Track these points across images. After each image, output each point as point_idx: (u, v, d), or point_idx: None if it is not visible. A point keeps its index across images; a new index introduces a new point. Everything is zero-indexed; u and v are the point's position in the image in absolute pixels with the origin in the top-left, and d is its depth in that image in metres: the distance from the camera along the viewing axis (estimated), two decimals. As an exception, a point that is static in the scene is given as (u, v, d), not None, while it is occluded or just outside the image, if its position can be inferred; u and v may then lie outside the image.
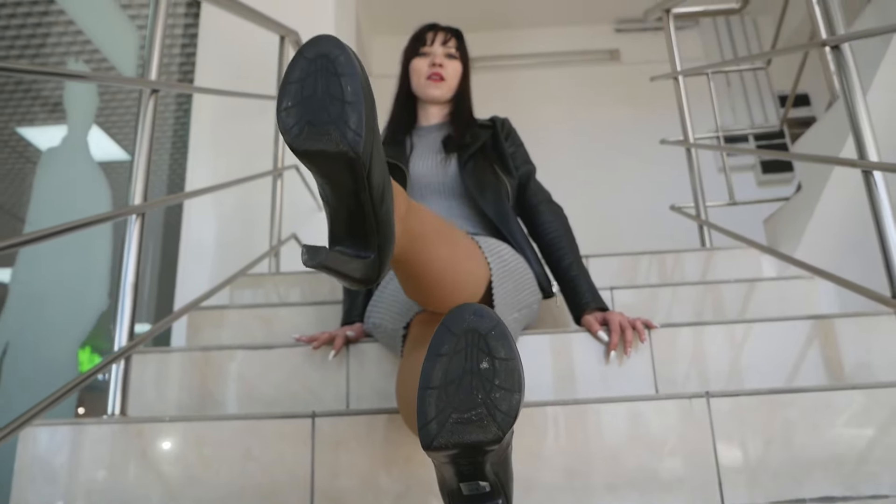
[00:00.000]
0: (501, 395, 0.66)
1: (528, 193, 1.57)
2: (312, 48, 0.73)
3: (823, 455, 1.01)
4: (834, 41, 1.40)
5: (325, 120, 0.70)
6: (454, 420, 0.65)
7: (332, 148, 0.70)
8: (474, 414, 0.65)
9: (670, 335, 1.34)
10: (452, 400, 0.66)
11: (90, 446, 1.09)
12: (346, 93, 0.70)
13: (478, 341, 0.68)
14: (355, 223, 0.76)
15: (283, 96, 0.72)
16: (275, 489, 1.04)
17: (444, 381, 0.67)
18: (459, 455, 0.67)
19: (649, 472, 1.02)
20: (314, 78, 0.71)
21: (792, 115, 4.40)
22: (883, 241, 1.26)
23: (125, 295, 1.30)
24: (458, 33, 1.67)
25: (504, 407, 0.66)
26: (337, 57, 0.72)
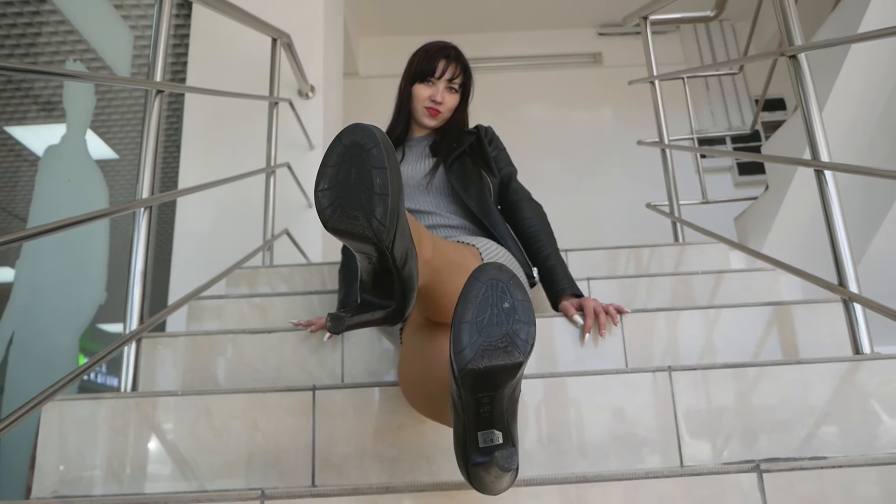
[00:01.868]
0: (520, 326, 0.78)
1: (510, 192, 1.69)
2: (350, 136, 0.82)
3: (771, 422, 1.13)
4: (791, 51, 1.52)
5: (355, 206, 0.80)
6: (484, 346, 0.77)
7: (359, 231, 0.81)
8: (500, 341, 0.78)
9: (642, 320, 1.45)
10: (483, 331, 0.78)
11: (108, 419, 1.18)
12: (376, 185, 0.80)
13: (500, 287, 0.80)
14: (381, 280, 0.88)
15: (320, 178, 0.82)
16: (279, 456, 1.14)
17: (474, 317, 0.79)
18: (484, 383, 0.78)
19: (617, 438, 1.13)
20: (349, 165, 0.81)
21: (768, 119, 4.56)
22: (832, 233, 1.38)
23: (135, 282, 1.39)
24: (467, 69, 1.70)
25: (523, 335, 0.78)
26: (371, 150, 0.81)
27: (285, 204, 2.75)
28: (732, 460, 1.11)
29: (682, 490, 0.87)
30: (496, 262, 0.83)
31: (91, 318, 2.53)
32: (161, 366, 1.49)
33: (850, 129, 2.22)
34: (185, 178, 2.96)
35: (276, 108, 2.60)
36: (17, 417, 0.95)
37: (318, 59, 3.09)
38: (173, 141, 3.30)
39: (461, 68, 1.67)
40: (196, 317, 1.85)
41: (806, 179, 2.25)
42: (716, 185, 3.89)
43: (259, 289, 2.18)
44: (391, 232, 0.81)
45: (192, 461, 1.15)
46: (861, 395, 1.15)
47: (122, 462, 1.16)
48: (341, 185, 0.81)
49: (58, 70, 1.33)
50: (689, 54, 4.86)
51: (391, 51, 4.81)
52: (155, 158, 1.50)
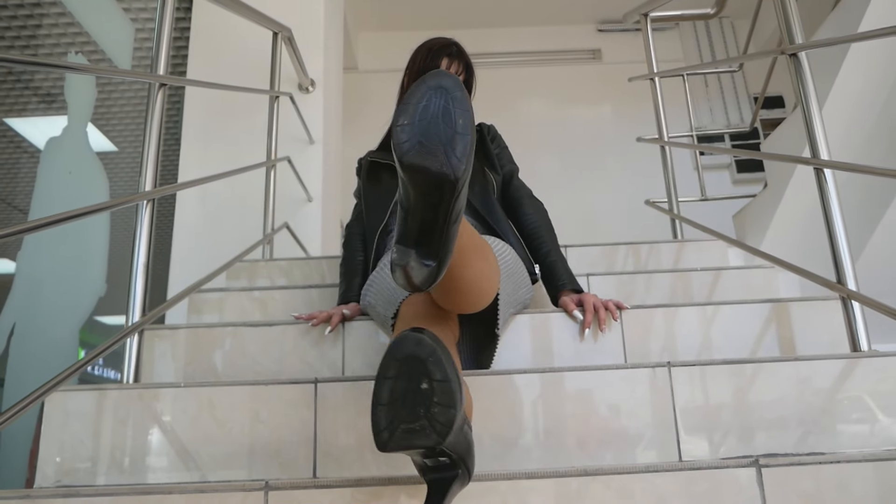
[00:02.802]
0: (439, 409, 0.77)
1: (512, 189, 1.71)
2: (434, 79, 0.83)
3: (769, 418, 1.14)
4: (791, 49, 1.53)
5: (435, 142, 0.80)
6: (402, 430, 0.77)
7: (436, 168, 0.80)
8: (417, 425, 0.77)
9: (641, 316, 1.47)
10: (399, 414, 0.77)
11: (112, 410, 1.19)
12: (458, 124, 0.80)
13: (418, 366, 0.78)
14: (426, 233, 0.86)
15: (400, 113, 0.82)
16: (281, 448, 1.15)
17: (391, 399, 0.78)
18: (411, 453, 0.79)
19: (616, 433, 1.14)
20: (432, 104, 0.81)
21: (767, 117, 4.57)
22: (830, 231, 1.39)
23: (137, 274, 1.40)
24: (469, 66, 1.69)
25: (442, 419, 0.77)
26: (455, 91, 0.82)
27: (285, 198, 2.76)
28: (730, 456, 1.12)
29: (681, 484, 0.88)
30: (415, 335, 0.80)
31: (91, 311, 2.54)
32: (162, 358, 1.50)
33: (848, 127, 2.23)
34: (184, 171, 2.96)
35: (277, 102, 2.60)
36: (21, 409, 0.96)
37: (318, 54, 3.09)
38: (172, 134, 3.30)
39: (463, 66, 1.67)
40: (196, 309, 1.86)
41: (805, 177, 2.27)
42: (714, 183, 3.91)
43: (258, 282, 2.19)
44: (466, 173, 0.81)
45: (194, 452, 1.15)
46: (859, 392, 1.16)
47: (124, 452, 1.17)
48: (422, 122, 0.80)
49: (60, 62, 1.33)
50: (688, 51, 4.87)
51: (390, 46, 4.83)
52: (158, 152, 1.51)
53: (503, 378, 1.19)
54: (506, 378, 1.19)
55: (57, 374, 1.07)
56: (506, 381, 1.19)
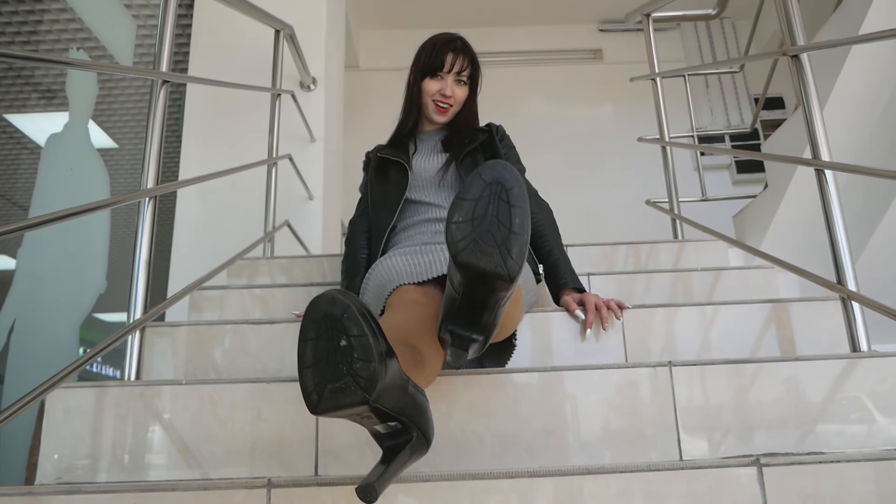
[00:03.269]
0: (361, 365, 0.76)
1: None
2: (490, 172, 0.81)
3: (769, 417, 1.15)
4: (793, 51, 1.53)
5: (490, 243, 0.79)
6: (329, 390, 0.76)
7: (491, 268, 0.79)
8: (342, 383, 0.76)
9: (642, 315, 1.47)
10: (324, 374, 0.76)
11: (113, 407, 1.19)
12: (514, 224, 0.79)
13: (334, 323, 0.77)
14: (474, 315, 0.86)
15: (455, 210, 0.80)
16: (283, 446, 1.15)
17: (314, 360, 0.77)
18: (346, 415, 0.78)
19: (616, 432, 1.15)
20: (487, 200, 0.79)
21: (767, 118, 4.58)
22: (831, 232, 1.40)
23: (139, 271, 1.40)
24: (475, 61, 1.68)
25: (364, 374, 0.76)
26: (512, 187, 0.79)
27: (286, 196, 2.76)
28: (730, 455, 1.12)
29: (682, 483, 0.89)
30: (328, 293, 0.79)
31: (91, 307, 2.54)
32: (163, 355, 1.50)
33: (849, 128, 2.24)
34: (185, 168, 2.96)
35: (279, 99, 2.60)
36: (22, 406, 0.96)
37: (320, 52, 3.09)
38: (173, 131, 3.30)
39: (469, 60, 1.66)
40: (197, 307, 1.86)
41: (805, 178, 2.27)
42: (714, 183, 3.91)
43: (259, 280, 2.19)
44: (520, 270, 0.80)
45: (195, 450, 1.16)
46: (858, 392, 1.17)
47: (125, 450, 1.17)
48: (478, 220, 0.79)
49: (63, 59, 1.34)
50: (689, 51, 4.87)
51: (391, 44, 4.83)
52: (160, 149, 1.51)
53: (504, 377, 1.20)
54: (507, 377, 1.19)
55: (57, 371, 1.07)
56: (507, 379, 1.19)
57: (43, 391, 1.02)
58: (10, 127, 4.25)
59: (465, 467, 1.13)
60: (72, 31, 3.61)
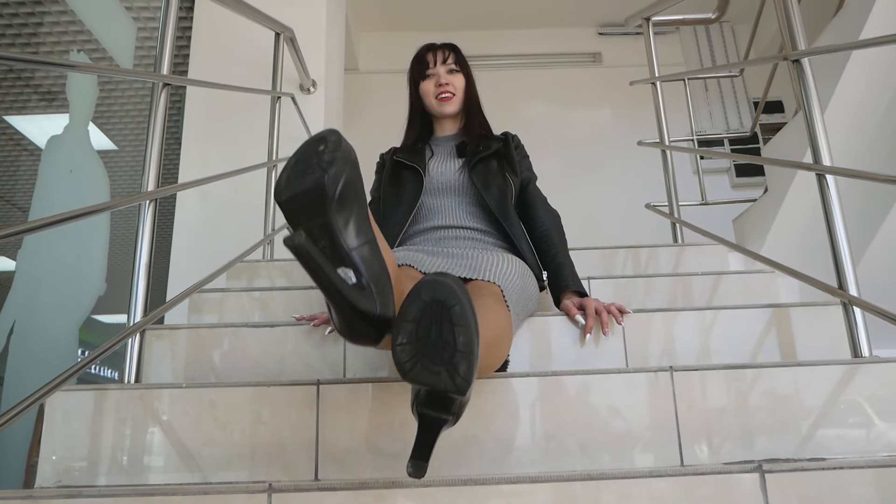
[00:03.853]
0: (332, 151, 0.87)
1: (527, 194, 1.73)
2: (430, 292, 0.80)
3: (771, 423, 1.15)
4: (794, 55, 1.53)
5: (437, 362, 0.78)
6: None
7: (441, 386, 0.79)
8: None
9: (642, 320, 1.47)
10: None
11: (113, 410, 1.19)
12: (459, 342, 0.78)
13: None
14: (440, 402, 0.85)
15: (398, 332, 0.80)
16: (283, 450, 1.15)
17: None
18: (305, 203, 0.86)
19: (617, 437, 1.15)
20: (429, 321, 0.79)
21: (766, 122, 4.58)
22: (832, 237, 1.40)
23: (139, 274, 1.40)
24: (455, 47, 1.78)
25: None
26: (453, 306, 0.78)
27: (286, 198, 2.75)
28: (731, 460, 1.12)
29: (684, 489, 0.88)
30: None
31: (91, 309, 2.54)
32: (162, 358, 1.50)
33: (849, 133, 2.24)
34: (185, 171, 2.96)
35: (279, 102, 2.60)
36: (22, 409, 0.96)
37: (320, 54, 3.09)
38: (173, 134, 3.30)
39: (449, 49, 1.75)
40: (197, 309, 1.85)
41: (805, 183, 2.27)
42: (712, 187, 3.90)
43: (258, 282, 2.19)
44: (471, 384, 0.80)
45: (195, 453, 1.15)
46: (860, 397, 1.17)
47: (125, 453, 1.16)
48: (422, 340, 0.79)
49: (64, 61, 1.33)
50: (688, 55, 4.88)
51: (391, 46, 4.83)
52: (161, 151, 1.51)
53: (505, 381, 1.19)
54: (508, 381, 1.19)
55: (56, 373, 1.07)
56: (508, 384, 1.19)
57: (43, 394, 1.02)
58: (10, 129, 4.25)
59: (465, 471, 1.12)
60: (72, 34, 3.61)
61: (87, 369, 1.15)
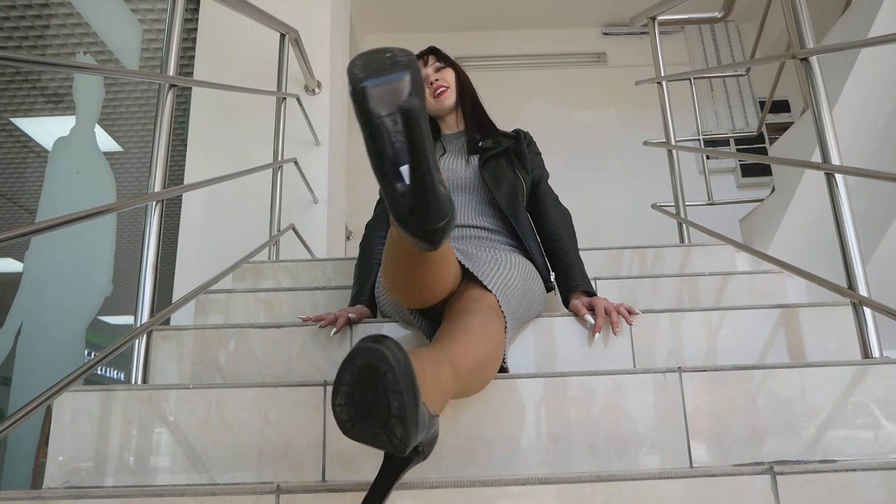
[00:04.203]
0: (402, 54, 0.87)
1: (539, 192, 1.73)
2: (363, 357, 0.79)
3: (780, 424, 1.14)
4: (803, 54, 1.52)
5: (374, 424, 0.78)
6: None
7: (380, 447, 0.80)
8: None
9: (650, 321, 1.46)
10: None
11: (120, 411, 1.19)
12: (393, 407, 0.77)
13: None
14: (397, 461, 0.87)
15: (336, 394, 0.80)
16: (290, 450, 1.15)
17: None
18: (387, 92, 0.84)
19: (626, 438, 1.14)
20: (363, 386, 0.78)
21: (772, 121, 4.56)
22: (842, 237, 1.39)
23: (146, 275, 1.40)
24: (433, 49, 1.80)
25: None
26: (385, 373, 0.77)
27: (291, 199, 2.76)
28: (740, 462, 1.11)
29: (694, 491, 0.88)
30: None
31: (97, 310, 2.54)
32: (169, 359, 1.50)
33: (857, 132, 2.23)
34: (190, 172, 2.96)
35: (284, 103, 2.60)
36: (30, 410, 0.96)
37: (324, 55, 3.10)
38: (178, 135, 3.30)
39: (428, 52, 1.77)
40: (203, 310, 1.86)
41: (813, 182, 2.26)
42: (718, 187, 3.89)
43: (264, 283, 2.19)
44: (412, 443, 0.80)
45: (203, 454, 1.15)
46: (870, 398, 1.16)
47: (133, 454, 1.16)
48: (358, 403, 0.79)
49: (72, 63, 1.33)
50: (693, 54, 4.86)
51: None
52: (167, 153, 1.51)
53: (512, 382, 1.19)
54: (515, 382, 1.19)
55: (63, 374, 1.07)
56: (514, 384, 1.18)
57: (51, 395, 1.02)
58: (17, 130, 4.27)
59: (472, 473, 1.12)
60: (78, 36, 3.62)
61: (93, 370, 1.15)
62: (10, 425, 0.91)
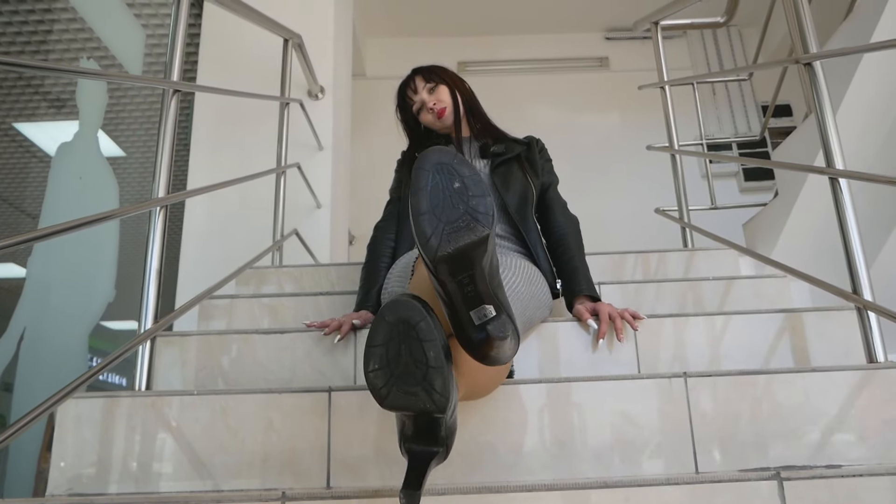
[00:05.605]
0: (476, 200, 0.79)
1: (547, 197, 1.74)
2: (393, 312, 0.79)
3: (786, 429, 1.14)
4: (806, 58, 1.52)
5: (411, 383, 0.78)
6: (447, 230, 0.78)
7: (420, 407, 0.79)
8: (461, 220, 0.78)
9: (654, 326, 1.46)
10: (441, 216, 0.79)
11: (125, 417, 1.19)
12: (430, 358, 0.77)
13: (447, 169, 0.81)
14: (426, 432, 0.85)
15: (368, 358, 0.79)
16: (295, 457, 1.14)
17: (430, 206, 0.79)
18: (459, 265, 0.79)
19: (631, 444, 1.14)
20: (397, 342, 0.78)
21: (775, 125, 4.56)
22: (845, 241, 1.38)
23: (150, 281, 1.40)
24: (418, 71, 1.79)
25: (482, 209, 0.79)
26: (418, 323, 0.78)
27: (294, 204, 2.76)
28: (746, 467, 1.11)
29: (701, 497, 0.87)
30: (435, 147, 0.83)
31: (100, 315, 2.54)
32: (172, 365, 1.50)
33: (860, 136, 2.22)
34: (194, 177, 2.97)
35: (287, 108, 2.61)
36: (34, 417, 0.95)
37: (328, 60, 3.10)
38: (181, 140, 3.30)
39: (420, 76, 1.76)
40: (206, 315, 1.85)
41: (817, 186, 2.26)
42: (721, 191, 3.89)
43: (267, 288, 2.19)
44: (452, 400, 0.79)
45: (207, 461, 1.15)
46: (876, 403, 1.16)
47: (137, 460, 1.16)
48: (393, 362, 0.78)
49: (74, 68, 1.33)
50: (695, 59, 4.87)
51: (398, 52, 4.84)
52: (171, 158, 1.51)
53: (517, 388, 1.19)
54: (520, 388, 1.19)
55: (66, 379, 1.07)
56: (520, 391, 1.18)
57: (55, 402, 1.02)
58: (19, 136, 4.27)
59: (478, 478, 1.12)
60: (81, 41, 3.63)
61: (96, 377, 1.15)
62: (13, 433, 0.90)
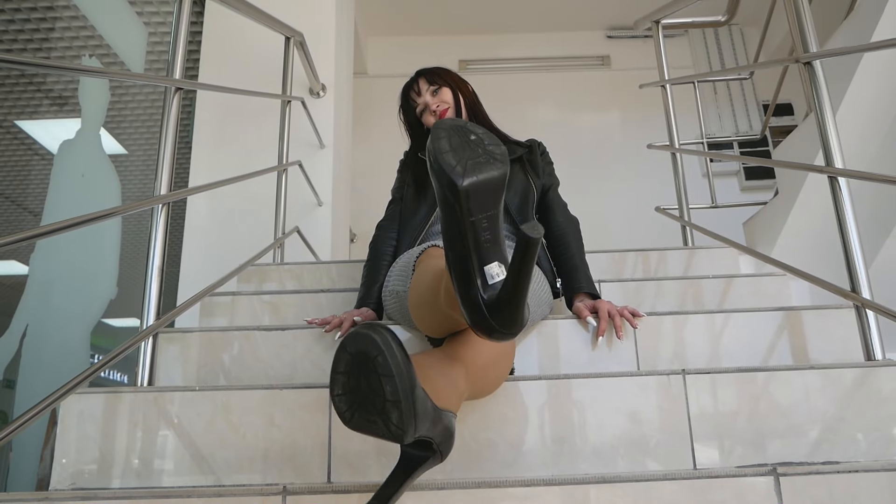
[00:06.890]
0: (493, 147, 0.85)
1: (548, 199, 1.75)
2: (354, 344, 0.81)
3: (784, 426, 1.14)
4: (806, 58, 1.53)
5: (370, 411, 0.80)
6: (470, 163, 0.83)
7: (380, 434, 0.81)
8: (481, 157, 0.83)
9: (653, 323, 1.46)
10: (462, 155, 0.83)
11: (127, 413, 1.20)
12: (386, 392, 0.79)
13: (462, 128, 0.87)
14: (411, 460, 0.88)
15: (333, 383, 0.82)
16: (296, 452, 1.15)
17: (451, 146, 0.84)
18: (481, 202, 0.82)
19: (630, 440, 1.14)
20: (357, 373, 0.80)
21: (775, 124, 4.56)
22: (844, 240, 1.39)
23: (152, 278, 1.41)
24: (421, 73, 1.79)
25: (498, 153, 0.85)
26: (375, 357, 0.79)
27: (296, 202, 2.77)
28: (744, 464, 1.12)
29: (698, 493, 0.88)
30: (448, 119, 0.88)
31: (102, 313, 2.55)
32: (174, 361, 1.50)
33: (861, 135, 2.23)
34: (195, 175, 2.97)
35: (289, 106, 2.61)
36: (37, 413, 0.96)
37: (329, 58, 3.11)
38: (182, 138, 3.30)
39: (424, 79, 1.76)
40: (208, 312, 1.86)
41: (817, 185, 2.26)
42: (722, 190, 3.90)
43: (269, 286, 2.20)
44: (410, 429, 0.80)
45: (209, 456, 1.16)
46: (874, 401, 1.16)
47: (139, 455, 1.17)
48: (354, 391, 0.80)
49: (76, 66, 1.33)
50: (697, 58, 4.87)
51: (399, 50, 4.85)
52: (173, 156, 1.52)
53: (518, 384, 1.19)
54: (520, 385, 1.19)
55: (68, 376, 1.08)
56: (520, 387, 1.19)
57: (58, 398, 1.03)
58: (21, 133, 4.28)
59: (478, 474, 1.12)
60: (83, 39, 3.63)
61: (98, 373, 1.15)
62: (16, 428, 0.91)
